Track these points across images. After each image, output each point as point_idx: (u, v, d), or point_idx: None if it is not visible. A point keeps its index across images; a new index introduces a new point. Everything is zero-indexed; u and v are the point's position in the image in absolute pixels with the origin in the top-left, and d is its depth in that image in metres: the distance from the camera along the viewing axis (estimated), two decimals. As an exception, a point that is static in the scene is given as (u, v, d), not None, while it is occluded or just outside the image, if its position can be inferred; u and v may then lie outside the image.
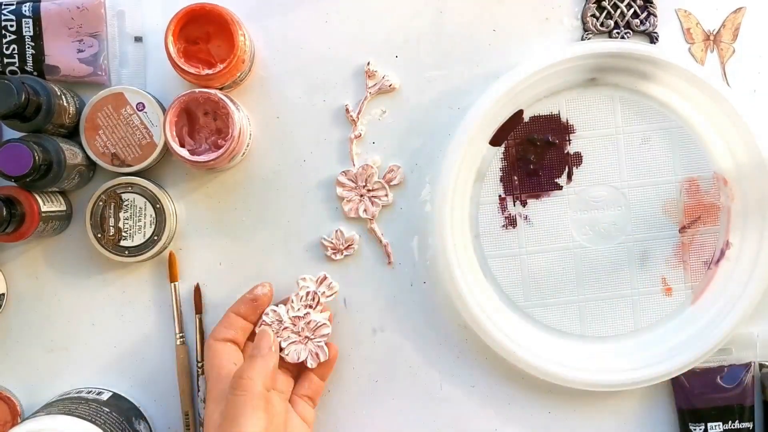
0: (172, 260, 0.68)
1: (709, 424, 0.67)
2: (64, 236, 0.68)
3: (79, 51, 0.67)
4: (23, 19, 0.66)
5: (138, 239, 0.66)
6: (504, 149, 0.68)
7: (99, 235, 0.66)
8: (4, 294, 0.68)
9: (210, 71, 0.63)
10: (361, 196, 0.68)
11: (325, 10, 0.69)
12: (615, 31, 0.68)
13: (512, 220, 0.68)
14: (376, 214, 0.68)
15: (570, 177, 0.68)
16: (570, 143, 0.68)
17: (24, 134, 0.63)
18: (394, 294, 0.69)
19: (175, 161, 0.68)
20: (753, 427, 0.67)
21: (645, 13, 0.69)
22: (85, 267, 0.68)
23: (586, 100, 0.68)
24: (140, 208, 0.66)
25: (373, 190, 0.68)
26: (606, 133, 0.68)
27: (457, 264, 0.66)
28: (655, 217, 0.68)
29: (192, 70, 0.63)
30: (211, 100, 0.63)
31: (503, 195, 0.68)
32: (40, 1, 0.66)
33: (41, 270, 0.68)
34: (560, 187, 0.68)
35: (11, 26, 0.66)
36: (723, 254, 0.68)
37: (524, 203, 0.68)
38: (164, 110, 0.65)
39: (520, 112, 0.68)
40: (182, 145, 0.64)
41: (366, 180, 0.68)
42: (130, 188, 0.66)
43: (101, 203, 0.66)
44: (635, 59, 0.65)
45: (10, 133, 0.66)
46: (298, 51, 0.69)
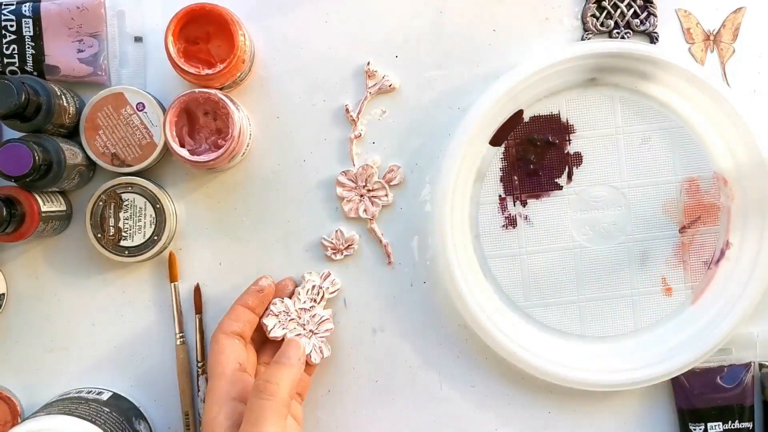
0: (172, 260, 0.68)
1: (709, 424, 0.67)
2: (64, 236, 0.68)
3: (79, 51, 0.67)
4: (23, 19, 0.66)
5: (138, 239, 0.66)
6: (504, 149, 0.68)
7: (99, 235, 0.66)
8: (4, 294, 0.68)
9: (210, 71, 0.63)
10: (361, 196, 0.68)
11: (325, 10, 0.69)
12: (615, 31, 0.68)
13: (512, 220, 0.68)
14: (376, 214, 0.68)
15: (570, 177, 0.68)
16: (570, 143, 0.68)
17: (24, 134, 0.63)
18: (394, 294, 0.69)
19: (175, 161, 0.68)
20: (753, 427, 0.67)
21: (645, 13, 0.69)
22: (85, 267, 0.68)
23: (586, 100, 0.68)
24: (140, 208, 0.66)
25: (373, 190, 0.68)
26: (606, 133, 0.68)
27: (457, 264, 0.66)
28: (655, 217, 0.68)
29: (192, 70, 0.63)
30: (211, 100, 0.63)
31: (503, 195, 0.68)
32: (40, 1, 0.66)
33: (41, 270, 0.68)
34: (560, 187, 0.68)
35: (11, 26, 0.66)
36: (723, 254, 0.68)
37: (524, 203, 0.68)
38: (164, 110, 0.65)
39: (520, 112, 0.68)
40: (182, 145, 0.64)
41: (366, 180, 0.68)
42: (130, 188, 0.66)
43: (101, 203, 0.66)
44: (635, 59, 0.65)
45: (10, 133, 0.66)
46: (298, 51, 0.69)
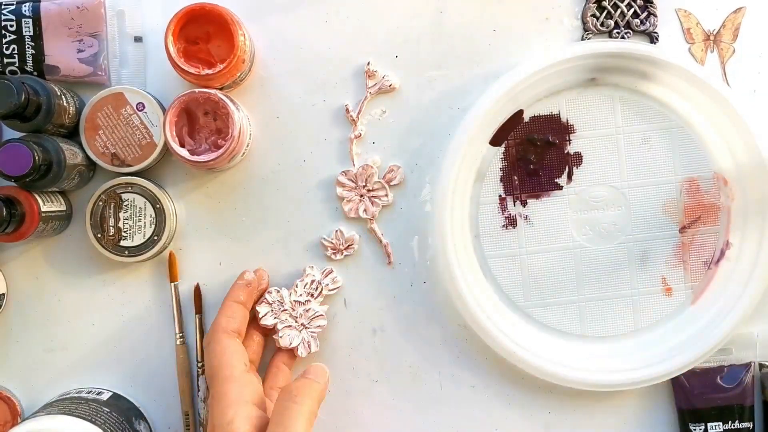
0: (172, 260, 0.68)
1: (709, 424, 0.67)
2: (64, 236, 0.68)
3: (79, 51, 0.67)
4: (23, 19, 0.66)
5: (138, 239, 0.66)
6: (504, 149, 0.68)
7: (99, 235, 0.66)
8: (4, 294, 0.68)
9: (210, 71, 0.63)
10: (361, 196, 0.68)
11: (325, 10, 0.69)
12: (615, 31, 0.68)
13: (512, 220, 0.68)
14: (376, 214, 0.68)
15: (570, 177, 0.68)
16: (570, 143, 0.68)
17: (24, 134, 0.63)
18: (394, 294, 0.69)
19: (175, 161, 0.68)
20: (753, 427, 0.67)
21: (645, 13, 0.69)
22: (85, 267, 0.68)
23: (586, 100, 0.68)
24: (140, 208, 0.66)
25: (373, 190, 0.68)
26: (606, 133, 0.68)
27: (457, 264, 0.66)
28: (655, 217, 0.68)
29: (192, 70, 0.63)
30: (211, 100, 0.63)
31: (503, 195, 0.68)
32: (40, 1, 0.66)
33: (41, 270, 0.68)
34: (560, 187, 0.68)
35: (11, 26, 0.66)
36: (723, 254, 0.68)
37: (524, 203, 0.68)
38: (164, 110, 0.65)
39: (520, 112, 0.68)
40: (182, 145, 0.64)
41: (366, 180, 0.68)
42: (130, 188, 0.66)
43: (101, 203, 0.66)
44: (635, 59, 0.65)
45: (10, 133, 0.66)
46: (298, 51, 0.69)
